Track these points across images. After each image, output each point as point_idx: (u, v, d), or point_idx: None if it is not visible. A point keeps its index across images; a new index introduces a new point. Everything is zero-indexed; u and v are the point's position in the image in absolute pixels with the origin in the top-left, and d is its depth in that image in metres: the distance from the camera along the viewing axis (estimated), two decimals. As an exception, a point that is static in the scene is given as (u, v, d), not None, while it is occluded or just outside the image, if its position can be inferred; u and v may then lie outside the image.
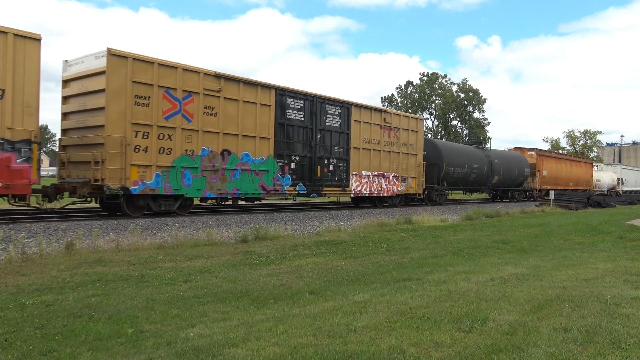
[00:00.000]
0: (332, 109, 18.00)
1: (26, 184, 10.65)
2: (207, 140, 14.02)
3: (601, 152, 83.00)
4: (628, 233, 13.58)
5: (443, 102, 64.40)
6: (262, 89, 15.55)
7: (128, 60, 12.33)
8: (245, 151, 15.00)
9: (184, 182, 13.57)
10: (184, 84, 13.46)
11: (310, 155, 17.17)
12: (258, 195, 15.68)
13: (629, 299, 5.72)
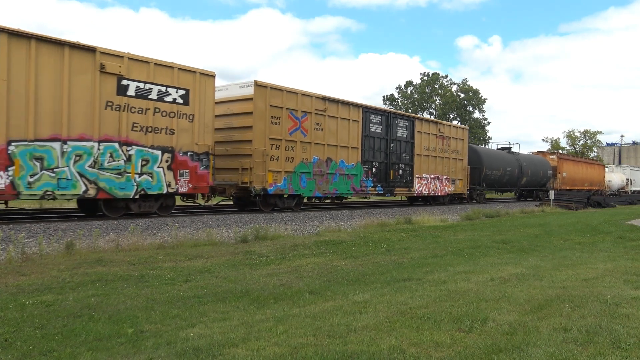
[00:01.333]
0: (401, 122, 21.28)
1: (206, 185, 13.90)
2: (317, 151, 17.20)
3: (601, 152, 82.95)
4: (628, 233, 13.59)
5: (443, 102, 64.39)
6: (353, 107, 18.83)
7: (267, 89, 15.45)
8: (341, 159, 18.22)
9: (301, 184, 16.70)
10: (302, 106, 16.60)
11: (385, 161, 20.38)
12: (349, 195, 18.93)
13: (629, 299, 5.72)
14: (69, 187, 11.23)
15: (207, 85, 13.80)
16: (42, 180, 10.78)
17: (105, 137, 11.76)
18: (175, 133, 13.12)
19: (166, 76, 12.89)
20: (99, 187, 11.71)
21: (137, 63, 12.33)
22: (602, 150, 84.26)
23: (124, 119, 12.08)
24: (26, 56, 10.46)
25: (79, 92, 11.31)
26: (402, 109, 62.84)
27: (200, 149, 13.69)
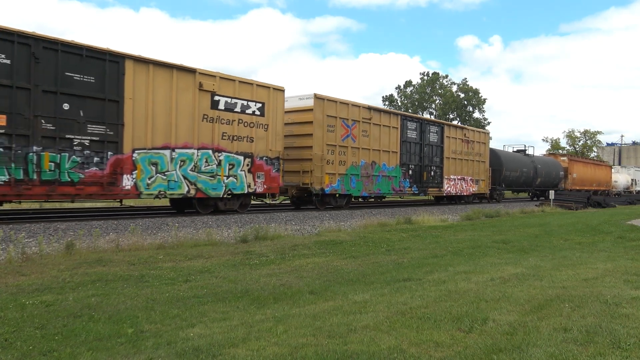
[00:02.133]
0: (432, 128, 23.33)
1: (277, 186, 15.99)
2: (364, 155, 19.21)
3: (601, 152, 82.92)
4: (628, 233, 13.58)
5: (443, 102, 64.39)
6: (393, 116, 21.17)
7: (324, 100, 17.59)
8: (383, 162, 20.21)
9: (351, 185, 18.65)
10: (351, 115, 18.67)
11: (420, 164, 22.39)
12: (390, 194, 21.01)
13: (629, 299, 5.72)
14: (176, 188, 13.30)
15: (278, 99, 15.97)
16: (157, 182, 12.86)
17: (202, 145, 13.89)
18: (254, 141, 15.27)
19: (247, 92, 15.03)
20: (197, 187, 13.78)
21: (225, 81, 14.47)
22: (602, 150, 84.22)
23: (216, 129, 14.24)
24: (146, 78, 12.57)
25: (183, 107, 13.42)
26: (402, 109, 62.85)
27: (273, 154, 15.82)
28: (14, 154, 10.42)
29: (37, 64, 10.75)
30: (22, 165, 10.54)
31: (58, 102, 11.07)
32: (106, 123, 11.83)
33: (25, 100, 10.63)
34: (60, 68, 11.09)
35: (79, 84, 11.41)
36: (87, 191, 11.60)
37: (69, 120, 11.24)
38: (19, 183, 10.50)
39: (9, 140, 10.41)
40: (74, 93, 11.31)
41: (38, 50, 10.75)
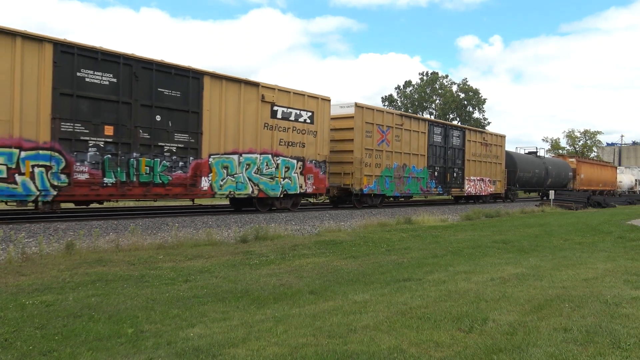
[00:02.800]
0: (455, 133, 25.07)
1: (324, 187, 17.77)
2: (396, 158, 20.96)
3: (601, 152, 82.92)
4: (628, 233, 13.58)
5: (443, 102, 64.38)
6: (421, 121, 22.89)
7: (363, 109, 19.37)
8: (413, 164, 21.93)
9: (385, 186, 20.40)
10: (386, 121, 20.47)
11: (444, 166, 24.14)
12: (418, 194, 23.14)
13: (629, 299, 5.72)
14: (243, 189, 14.99)
15: (325, 108, 17.72)
16: (228, 184, 14.56)
17: (263, 150, 15.54)
18: (305, 146, 16.95)
19: (299, 102, 16.70)
20: (259, 188, 15.49)
21: (282, 92, 16.11)
22: (602, 150, 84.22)
23: (274, 136, 15.89)
24: (219, 92, 14.27)
25: (248, 117, 15.09)
26: (402, 109, 62.85)
27: (321, 158, 17.58)
28: (119, 160, 12.11)
29: (136, 82, 12.41)
30: (125, 169, 12.23)
31: (152, 115, 12.79)
32: (189, 132, 13.61)
33: (128, 113, 12.29)
34: (154, 85, 12.82)
35: (168, 98, 13.15)
36: (174, 191, 13.34)
37: (160, 130, 12.97)
38: (123, 184, 12.21)
39: (115, 148, 12.08)
40: (164, 106, 13.01)
41: (138, 70, 12.42)
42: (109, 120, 11.91)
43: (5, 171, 10.30)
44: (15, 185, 10.47)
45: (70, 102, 11.29)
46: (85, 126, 11.54)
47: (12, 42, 10.41)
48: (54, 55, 10.98)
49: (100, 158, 11.78)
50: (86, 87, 11.56)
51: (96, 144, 11.71)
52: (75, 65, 11.35)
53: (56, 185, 11.08)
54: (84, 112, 11.54)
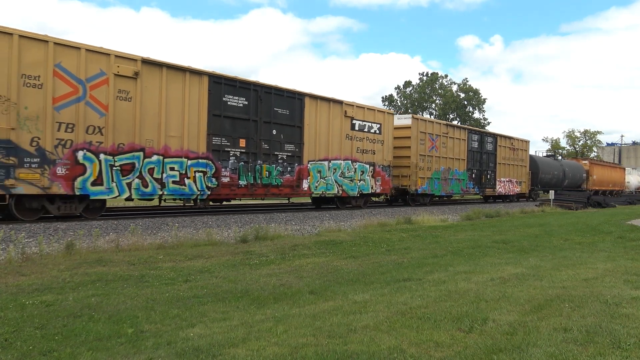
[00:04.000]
0: (489, 139, 28.11)
1: (389, 188, 20.74)
2: (443, 162, 23.87)
3: (601, 152, 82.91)
4: (628, 233, 13.58)
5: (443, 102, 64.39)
6: (462, 130, 25.98)
7: (418, 120, 22.66)
8: (455, 168, 24.86)
9: (435, 186, 23.27)
10: (435, 130, 23.34)
11: (479, 169, 27.08)
12: (459, 194, 26.08)
13: (629, 299, 5.72)
14: (331, 189, 17.96)
15: (389, 120, 20.79)
16: (321, 185, 17.52)
17: (345, 157, 18.50)
18: (375, 153, 19.92)
19: (371, 115, 19.69)
20: (342, 188, 18.38)
21: (359, 108, 19.16)
22: (602, 150, 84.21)
23: (353, 145, 18.87)
24: (315, 110, 17.29)
25: (335, 129, 18.07)
26: (402, 109, 62.86)
27: (386, 163, 20.52)
28: (249, 166, 15.14)
29: (260, 103, 15.45)
30: (252, 173, 15.23)
31: (270, 129, 15.79)
32: (294, 143, 16.61)
33: (254, 128, 15.33)
34: (272, 105, 15.81)
35: (281, 116, 16.13)
36: (284, 191, 16.42)
37: (275, 142, 15.94)
38: (251, 186, 15.20)
39: (246, 157, 15.10)
40: (278, 122, 16.00)
41: (262, 94, 15.49)
42: (242, 135, 14.99)
43: (178, 176, 13.35)
44: (184, 187, 13.48)
45: (218, 121, 14.34)
46: (227, 140, 14.61)
47: (182, 76, 13.44)
48: (209, 85, 14.00)
49: (236, 165, 14.87)
50: (228, 108, 14.63)
51: (234, 154, 14.82)
52: (222, 92, 14.42)
53: (209, 186, 14.09)
54: (226, 128, 14.61)
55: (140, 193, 12.63)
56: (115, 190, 12.17)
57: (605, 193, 43.06)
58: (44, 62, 10.92)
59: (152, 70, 12.78)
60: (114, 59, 12.02)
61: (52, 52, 11.02)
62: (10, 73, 10.46)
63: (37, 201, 11.36)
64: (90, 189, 11.75)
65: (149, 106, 12.71)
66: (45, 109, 10.95)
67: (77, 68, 11.42)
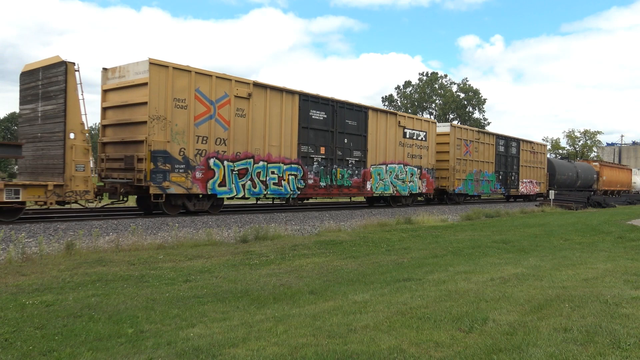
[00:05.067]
0: (513, 144, 30.74)
1: (432, 188, 23.62)
2: (475, 165, 26.70)
3: (601, 152, 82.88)
4: (628, 233, 13.58)
5: (443, 102, 64.39)
6: (491, 136, 28.74)
7: (455, 128, 25.46)
8: (485, 170, 27.68)
9: (469, 187, 26.12)
10: (469, 137, 26.36)
11: (505, 171, 29.78)
12: (488, 194, 29.36)
13: (629, 299, 5.72)
14: (387, 189, 20.75)
15: (432, 128, 23.77)
16: (380, 186, 20.22)
17: (398, 161, 21.34)
18: (422, 157, 22.80)
19: (418, 125, 22.74)
20: (396, 189, 21.22)
21: (409, 119, 22.36)
22: (602, 150, 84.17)
23: (404, 151, 21.78)
24: (375, 121, 20.09)
25: (390, 137, 20.87)
26: (402, 109, 62.86)
27: (430, 166, 23.45)
28: (327, 170, 17.94)
29: (336, 116, 18.22)
30: (330, 176, 17.99)
31: (342, 138, 18.53)
32: (360, 150, 19.36)
33: (331, 138, 18.13)
34: (344, 117, 18.59)
35: (350, 127, 18.90)
36: (353, 191, 19.26)
37: (346, 149, 18.69)
38: (329, 187, 17.97)
39: (326, 162, 17.91)
40: (348, 132, 18.77)
41: (337, 108, 18.29)
42: (322, 143, 17.79)
43: (277, 178, 16.09)
44: (281, 187, 16.25)
45: (305, 132, 17.10)
46: (311, 148, 17.37)
47: (280, 95, 16.22)
48: (299, 102, 16.80)
49: (318, 169, 17.58)
50: (312, 122, 17.39)
51: (317, 160, 17.58)
52: (308, 108, 17.20)
53: (299, 187, 16.83)
54: (311, 138, 17.37)
55: (251, 193, 15.39)
56: (234, 191, 14.88)
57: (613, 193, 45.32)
58: (187, 87, 13.51)
59: (259, 91, 15.52)
60: (234, 83, 14.71)
61: (193, 79, 13.62)
62: (167, 97, 13.01)
63: (180, 199, 13.91)
64: (218, 190, 14.41)
65: (257, 121, 15.45)
66: (189, 125, 13.58)
67: (210, 91, 14.06)
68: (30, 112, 12.55)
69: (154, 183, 12.76)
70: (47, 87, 12.01)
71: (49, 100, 11.92)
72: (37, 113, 12.30)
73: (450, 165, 24.65)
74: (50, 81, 11.90)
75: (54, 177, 11.65)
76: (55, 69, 11.74)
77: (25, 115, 12.77)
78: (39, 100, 12.26)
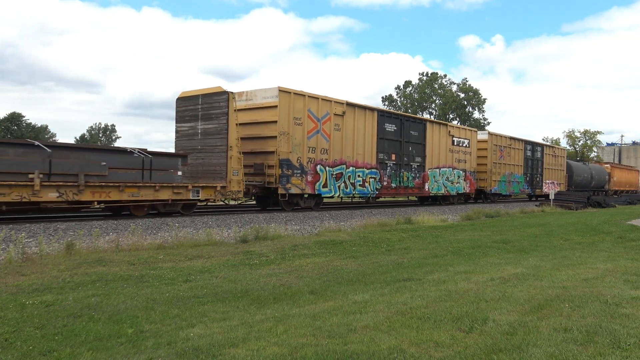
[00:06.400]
0: (538, 148, 34.10)
1: (474, 189, 26.91)
2: (507, 168, 29.78)
3: (601, 152, 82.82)
4: (628, 233, 13.58)
5: (443, 102, 64.40)
6: (520, 142, 31.71)
7: (493, 135, 28.84)
8: (515, 172, 30.62)
9: (502, 187, 29.24)
10: (503, 143, 29.50)
11: (532, 173, 32.97)
12: (517, 194, 32.24)
13: (629, 299, 5.72)
14: (440, 189, 24.02)
15: (474, 136, 27.17)
16: (434, 186, 23.56)
17: (448, 165, 24.62)
18: (466, 162, 26.02)
19: (463, 133, 26.04)
20: (447, 189, 24.54)
21: (457, 128, 25.99)
22: (602, 150, 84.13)
23: (453, 156, 25.05)
24: (431, 132, 23.35)
25: (442, 145, 24.21)
26: (402, 109, 62.89)
27: (472, 169, 26.68)
28: (396, 173, 21.16)
29: (403, 128, 21.53)
30: (398, 179, 21.26)
31: (407, 147, 21.85)
32: (420, 156, 22.60)
33: (400, 146, 21.44)
34: (409, 129, 21.97)
35: (413, 137, 22.12)
36: (414, 192, 22.75)
37: (410, 156, 21.98)
38: (397, 188, 21.26)
39: (395, 167, 21.16)
40: (411, 141, 22.10)
41: (404, 122, 21.78)
42: (393, 151, 21.05)
43: (362, 181, 19.28)
44: (364, 188, 19.41)
45: (381, 142, 20.39)
46: (386, 155, 20.61)
47: (364, 112, 19.55)
48: (377, 117, 20.17)
49: (390, 173, 20.81)
50: (386, 133, 20.67)
51: (389, 165, 20.84)
52: (383, 122, 20.57)
53: (377, 188, 20.05)
54: (385, 147, 20.63)
55: (344, 193, 18.58)
56: (332, 191, 18.06)
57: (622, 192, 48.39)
58: (302, 108, 16.76)
59: (350, 109, 18.79)
60: (333, 103, 18.01)
61: (306, 101, 16.89)
62: (289, 117, 16.26)
63: (296, 198, 17.10)
64: (322, 190, 17.61)
65: (348, 133, 18.69)
66: (303, 139, 16.80)
67: (317, 111, 17.31)
68: (188, 129, 15.70)
69: (281, 185, 16.00)
70: (207, 110, 15.18)
71: (210, 120, 15.10)
72: (197, 130, 15.45)
73: (487, 169, 28.05)
74: (212, 105, 15.04)
75: (217, 180, 14.68)
76: (218, 97, 14.93)
77: (182, 131, 15.89)
78: (198, 120, 15.42)
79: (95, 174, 11.93)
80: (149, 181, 12.95)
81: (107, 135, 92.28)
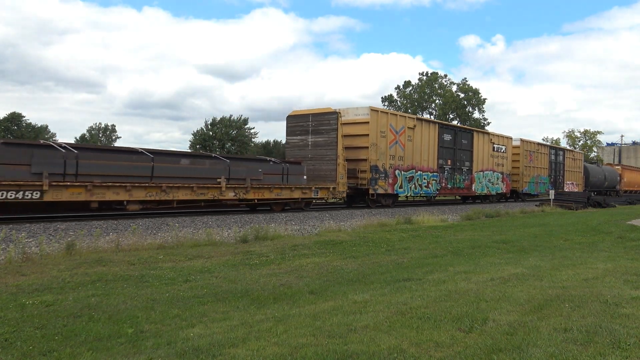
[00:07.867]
0: (560, 152, 37.79)
1: (509, 189, 30.31)
2: (535, 171, 32.92)
3: (601, 152, 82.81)
4: (628, 233, 13.58)
5: (443, 102, 64.38)
6: (546, 147, 35.77)
7: (524, 142, 32.00)
8: (541, 175, 33.83)
9: (531, 188, 32.56)
10: (532, 148, 32.91)
11: (555, 175, 36.19)
12: (543, 193, 34.55)
13: (629, 299, 5.72)
14: (483, 190, 27.41)
15: (509, 143, 30.36)
16: (479, 187, 26.94)
17: (490, 169, 28.00)
18: (503, 166, 29.40)
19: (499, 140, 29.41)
20: (488, 190, 27.94)
21: (496, 136, 29.25)
22: (602, 150, 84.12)
23: (493, 160, 28.38)
24: (477, 139, 26.85)
25: (485, 151, 27.55)
26: (402, 109, 62.89)
27: (508, 172, 29.91)
28: (451, 176, 24.55)
29: (456, 138, 25.01)
30: (452, 181, 24.74)
31: (459, 153, 25.30)
32: (468, 161, 26.01)
33: (453, 153, 24.81)
34: (460, 138, 25.46)
35: (463, 144, 25.67)
36: (464, 192, 26.18)
37: (461, 160, 25.44)
38: (452, 188, 24.77)
39: (451, 171, 24.57)
40: (462, 148, 25.51)
41: (457, 132, 25.44)
42: (449, 157, 24.42)
43: (426, 183, 22.69)
44: (428, 189, 22.93)
45: (441, 150, 23.78)
46: (444, 160, 23.97)
47: (428, 125, 23.33)
48: (438, 130, 23.75)
49: (447, 175, 24.26)
50: (444, 143, 24.15)
51: (446, 169, 24.24)
52: (442, 133, 24.07)
53: (437, 189, 23.53)
54: (444, 154, 24.07)
55: (414, 193, 22.23)
56: (406, 191, 21.63)
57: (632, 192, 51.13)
58: (385, 123, 20.35)
59: (418, 123, 22.49)
60: (407, 118, 21.95)
61: (388, 118, 20.68)
62: (377, 130, 19.78)
63: (380, 197, 20.46)
64: (398, 190, 21.11)
65: (416, 143, 22.15)
66: (386, 148, 20.30)
67: (395, 125, 20.84)
68: (299, 141, 19.51)
69: (371, 186, 19.55)
70: (317, 126, 18.96)
71: (320, 134, 18.84)
72: (307, 142, 19.20)
73: (519, 171, 31.20)
74: (321, 122, 18.82)
75: (328, 183, 18.19)
76: (329, 116, 18.72)
77: (293, 143, 19.72)
78: (308, 134, 19.20)
79: (255, 177, 15.63)
80: (287, 183, 16.56)
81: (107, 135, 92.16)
